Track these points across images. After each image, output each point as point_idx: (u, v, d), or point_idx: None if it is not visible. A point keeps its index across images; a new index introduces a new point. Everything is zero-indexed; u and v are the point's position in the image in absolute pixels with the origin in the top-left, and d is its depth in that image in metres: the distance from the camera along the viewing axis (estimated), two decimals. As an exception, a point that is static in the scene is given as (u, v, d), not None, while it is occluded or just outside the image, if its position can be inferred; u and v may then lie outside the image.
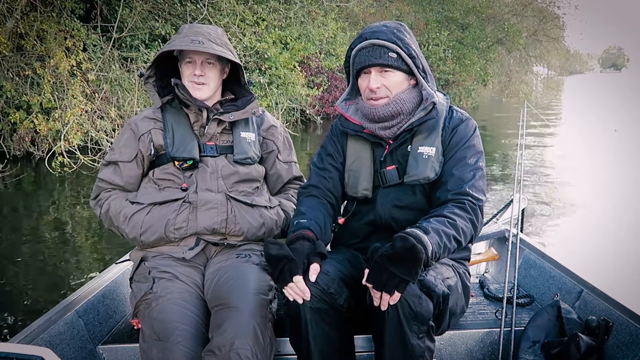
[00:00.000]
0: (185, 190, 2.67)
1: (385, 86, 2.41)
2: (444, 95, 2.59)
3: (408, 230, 2.11)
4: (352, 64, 2.51)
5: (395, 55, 2.38)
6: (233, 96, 2.89)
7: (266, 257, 2.23)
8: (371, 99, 2.45)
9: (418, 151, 2.43)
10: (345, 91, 2.64)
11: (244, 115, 2.82)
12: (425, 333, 2.13)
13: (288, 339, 2.34)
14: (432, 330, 2.18)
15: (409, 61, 2.39)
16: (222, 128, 2.81)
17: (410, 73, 2.44)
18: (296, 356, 2.32)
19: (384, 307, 2.05)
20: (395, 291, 2.02)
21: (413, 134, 2.47)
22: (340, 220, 2.63)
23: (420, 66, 2.43)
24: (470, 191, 2.35)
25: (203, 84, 2.71)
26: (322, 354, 2.22)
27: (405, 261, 2.01)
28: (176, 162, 2.70)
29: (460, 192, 2.35)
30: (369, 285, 2.06)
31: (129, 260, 2.75)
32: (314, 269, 2.21)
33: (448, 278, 2.33)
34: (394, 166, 2.48)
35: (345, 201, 2.71)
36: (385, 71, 2.41)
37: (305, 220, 2.41)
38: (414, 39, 2.47)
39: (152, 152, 2.75)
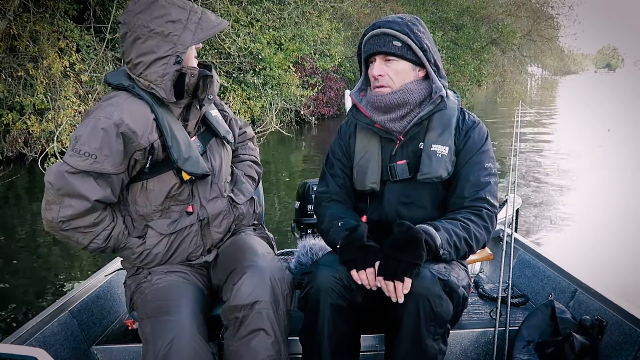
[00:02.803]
0: (190, 214, 2.46)
1: (389, 75, 2.39)
2: (454, 93, 2.58)
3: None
4: (362, 52, 2.49)
5: (399, 44, 2.34)
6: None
7: (358, 236, 2.23)
8: (375, 87, 2.43)
9: (431, 149, 2.41)
10: (359, 81, 2.59)
11: (217, 90, 2.55)
12: (441, 335, 2.14)
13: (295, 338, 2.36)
14: (447, 333, 2.19)
15: (419, 52, 2.35)
16: (199, 116, 2.51)
17: (419, 64, 2.40)
18: (300, 356, 2.32)
19: (400, 300, 2.07)
20: (405, 277, 2.05)
21: (425, 130, 2.45)
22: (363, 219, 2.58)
23: (432, 60, 2.39)
24: (488, 197, 2.37)
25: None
26: (333, 351, 2.22)
27: (407, 245, 2.08)
28: (186, 176, 2.38)
29: (477, 198, 2.36)
30: (380, 279, 2.10)
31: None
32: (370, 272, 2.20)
33: (463, 279, 2.34)
34: (404, 161, 2.45)
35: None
36: (389, 59, 2.38)
37: (355, 222, 2.41)
38: (428, 35, 2.43)
39: (149, 159, 2.34)
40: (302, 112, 19.75)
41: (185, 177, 2.37)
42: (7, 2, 10.34)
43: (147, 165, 2.34)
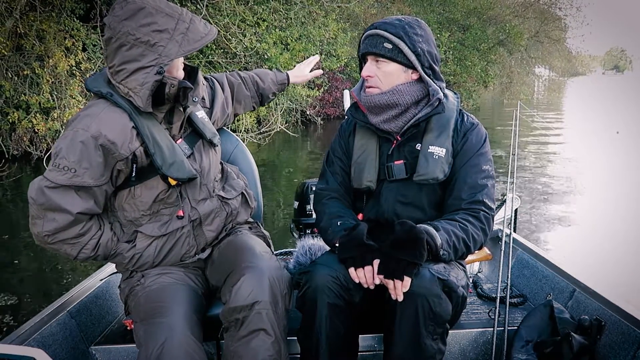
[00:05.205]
0: (181, 218, 2.44)
1: (378, 76, 2.39)
2: (455, 94, 2.57)
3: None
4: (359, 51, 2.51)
5: (390, 46, 2.34)
6: None
7: (358, 234, 2.22)
8: (366, 87, 2.45)
9: (429, 150, 2.41)
10: (360, 80, 2.59)
11: (202, 92, 2.55)
12: (440, 335, 2.14)
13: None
14: (446, 333, 2.19)
15: (411, 56, 2.34)
16: (183, 118, 2.46)
17: (410, 67, 2.38)
18: (299, 355, 2.32)
19: (400, 299, 2.07)
20: (405, 276, 2.05)
21: (423, 132, 2.45)
22: (360, 216, 2.60)
23: (427, 64, 2.38)
24: (485, 200, 2.37)
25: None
26: (331, 351, 2.22)
27: (408, 243, 2.08)
28: (172, 181, 2.35)
29: (474, 200, 2.36)
30: (380, 277, 2.10)
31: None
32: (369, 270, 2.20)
33: (462, 279, 2.35)
34: (402, 161, 2.45)
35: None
36: (378, 61, 2.39)
37: (354, 221, 2.42)
38: (428, 37, 2.40)
39: (133, 167, 2.32)
40: (308, 113, 19.75)
41: (172, 182, 2.34)
42: (14, 1, 10.37)
43: (133, 174, 2.31)
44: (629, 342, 2.42)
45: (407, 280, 2.05)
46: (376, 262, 2.13)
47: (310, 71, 3.24)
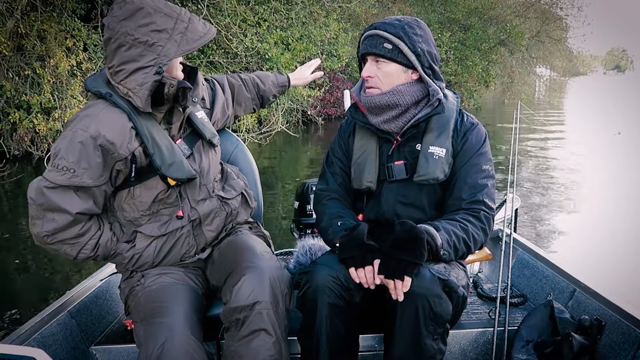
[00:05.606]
0: (181, 218, 2.43)
1: (378, 76, 2.39)
2: (454, 94, 2.57)
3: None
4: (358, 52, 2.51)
5: (390, 47, 2.34)
6: None
7: (358, 234, 2.22)
8: (366, 87, 2.45)
9: (429, 151, 2.41)
10: (359, 80, 2.58)
11: (202, 92, 2.58)
12: (440, 335, 2.14)
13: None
14: (446, 333, 2.19)
15: (411, 56, 2.34)
16: (182, 118, 2.45)
17: (410, 67, 2.38)
18: (299, 355, 2.32)
19: (400, 299, 2.07)
20: (406, 276, 2.05)
21: (423, 132, 2.45)
22: (360, 217, 2.59)
23: (427, 64, 2.37)
24: (485, 200, 2.37)
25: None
26: (332, 351, 2.22)
27: (408, 243, 2.08)
28: (171, 181, 2.35)
29: (475, 200, 2.36)
30: (381, 277, 2.10)
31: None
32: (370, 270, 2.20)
33: (462, 279, 2.35)
34: (402, 161, 2.45)
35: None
36: (378, 61, 2.38)
37: (354, 221, 2.42)
38: (427, 37, 2.40)
39: (132, 167, 2.31)
40: (308, 113, 19.74)
41: (172, 182, 2.34)
42: (15, 1, 10.38)
43: (133, 175, 2.30)
44: (629, 342, 2.42)
45: (408, 280, 2.05)
46: (376, 262, 2.14)
47: (311, 73, 3.24)
